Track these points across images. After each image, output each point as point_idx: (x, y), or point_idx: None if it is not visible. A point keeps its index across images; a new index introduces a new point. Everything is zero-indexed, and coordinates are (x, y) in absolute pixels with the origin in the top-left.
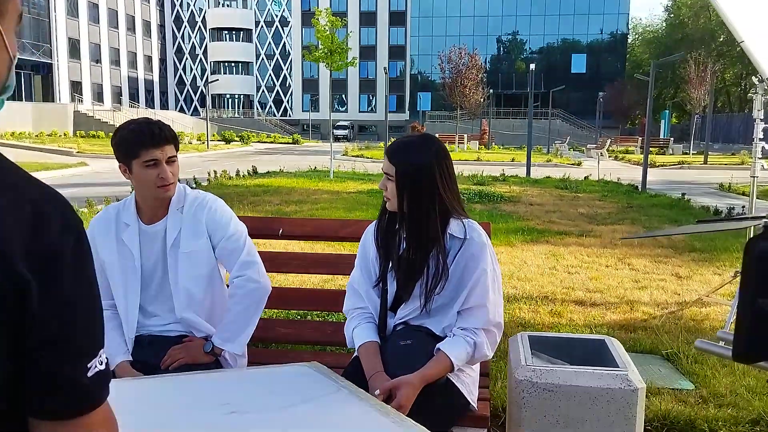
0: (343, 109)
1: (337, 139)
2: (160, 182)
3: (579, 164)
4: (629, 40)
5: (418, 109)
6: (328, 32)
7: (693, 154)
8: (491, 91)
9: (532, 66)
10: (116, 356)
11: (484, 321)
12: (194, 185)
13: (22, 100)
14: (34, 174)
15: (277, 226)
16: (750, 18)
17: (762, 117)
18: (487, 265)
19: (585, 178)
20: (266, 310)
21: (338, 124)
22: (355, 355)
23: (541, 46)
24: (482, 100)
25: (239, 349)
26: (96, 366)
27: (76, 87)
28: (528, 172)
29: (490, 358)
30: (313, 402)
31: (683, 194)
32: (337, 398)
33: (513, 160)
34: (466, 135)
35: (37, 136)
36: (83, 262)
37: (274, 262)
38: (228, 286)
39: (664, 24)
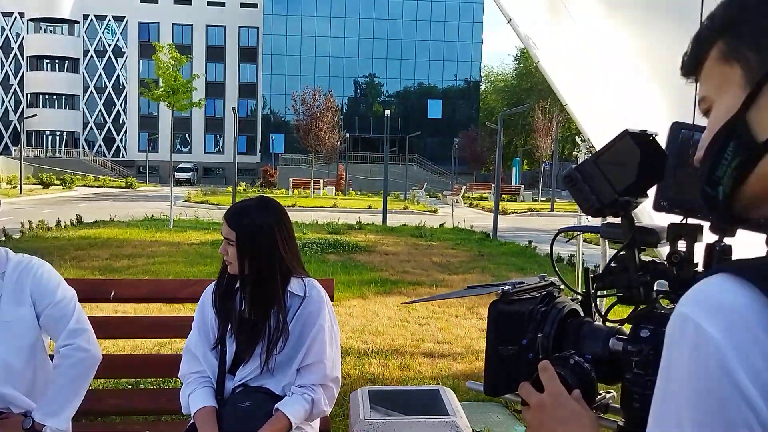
0: (187, 149)
1: (179, 182)
2: None
3: (435, 211)
4: (482, 88)
5: (271, 152)
6: (170, 69)
7: (542, 200)
8: (347, 134)
9: (387, 112)
10: None
11: (321, 377)
12: (2, 238)
13: None
14: None
15: (109, 288)
16: (570, 84)
17: None
18: (325, 321)
19: (440, 225)
20: (93, 380)
21: (180, 166)
22: (191, 422)
23: (398, 89)
24: (338, 143)
25: (64, 424)
26: None
27: None
28: (384, 220)
29: (327, 414)
30: None
31: (530, 242)
32: None
33: (370, 207)
34: (322, 180)
35: None
36: None
37: (103, 328)
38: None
39: (514, 73)
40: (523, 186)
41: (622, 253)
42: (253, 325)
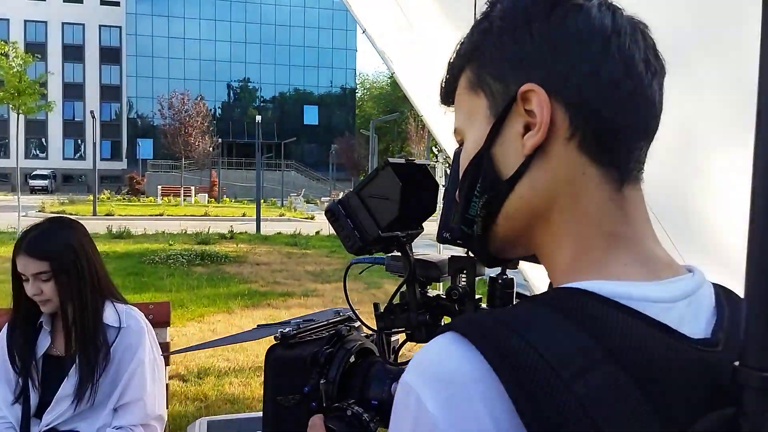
0: (43, 155)
1: (33, 191)
2: None
3: (312, 218)
4: (358, 95)
5: (138, 158)
6: (15, 69)
7: None
8: (220, 140)
9: (259, 117)
10: None
11: (142, 416)
12: None
13: None
14: None
15: None
16: (424, 94)
17: (444, 183)
18: (146, 355)
19: (316, 233)
20: None
21: (35, 173)
22: None
23: (273, 95)
24: (211, 149)
25: None
26: None
27: None
28: (258, 229)
29: None
30: None
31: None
32: None
33: (244, 214)
34: (193, 187)
35: None
36: None
37: None
38: None
39: (389, 81)
40: None
41: (403, 289)
42: (62, 363)
